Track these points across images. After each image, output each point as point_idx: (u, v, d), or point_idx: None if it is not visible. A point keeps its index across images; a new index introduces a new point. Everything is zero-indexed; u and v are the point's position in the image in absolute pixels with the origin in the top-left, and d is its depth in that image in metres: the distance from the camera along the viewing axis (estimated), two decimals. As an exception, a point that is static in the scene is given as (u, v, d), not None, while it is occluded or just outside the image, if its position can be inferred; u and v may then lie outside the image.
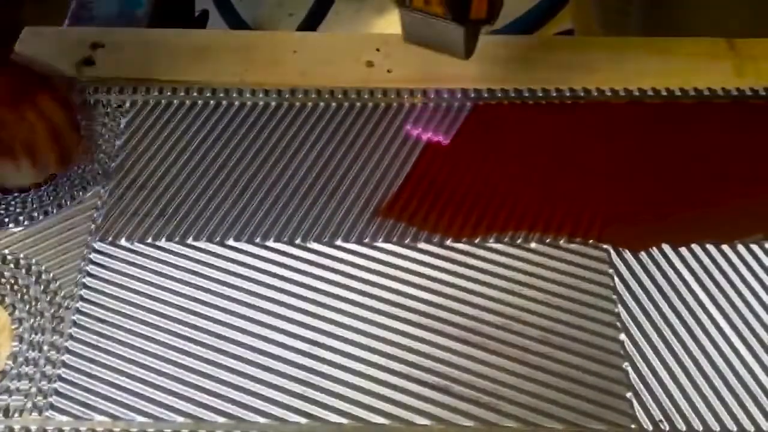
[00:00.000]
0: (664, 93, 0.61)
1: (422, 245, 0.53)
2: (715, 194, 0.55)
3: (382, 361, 0.48)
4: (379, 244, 0.53)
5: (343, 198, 0.55)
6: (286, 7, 1.72)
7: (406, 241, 0.53)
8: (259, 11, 1.74)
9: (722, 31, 0.66)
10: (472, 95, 0.61)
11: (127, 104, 0.60)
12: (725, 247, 0.52)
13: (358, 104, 0.61)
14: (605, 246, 0.52)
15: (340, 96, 0.61)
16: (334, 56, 0.65)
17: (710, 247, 0.52)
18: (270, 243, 0.53)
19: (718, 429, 0.45)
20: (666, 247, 0.52)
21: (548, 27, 1.44)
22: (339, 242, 0.53)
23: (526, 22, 1.50)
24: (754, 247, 0.52)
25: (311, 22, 1.54)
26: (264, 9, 1.75)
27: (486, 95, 0.61)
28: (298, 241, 0.53)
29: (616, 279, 0.51)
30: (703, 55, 0.64)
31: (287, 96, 0.61)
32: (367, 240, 0.53)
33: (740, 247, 0.52)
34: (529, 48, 0.66)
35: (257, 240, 0.53)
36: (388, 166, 0.57)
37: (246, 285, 0.51)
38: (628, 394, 0.46)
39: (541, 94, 0.61)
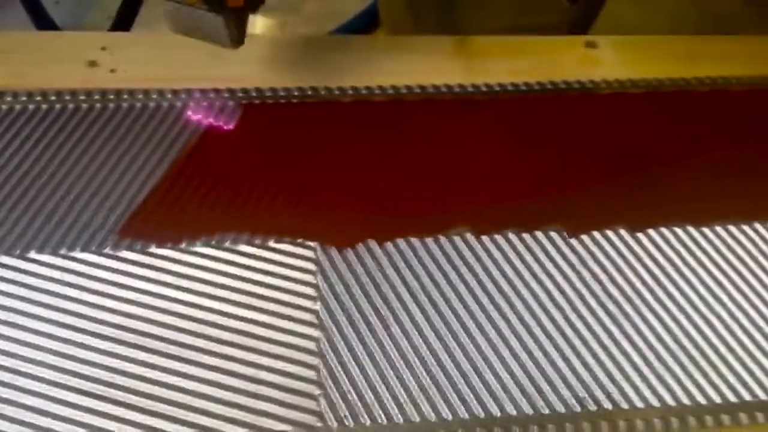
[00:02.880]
0: (391, 91, 0.62)
1: (124, 253, 0.51)
2: (426, 191, 0.56)
3: (61, 378, 0.45)
4: (76, 254, 0.50)
5: (40, 208, 0.52)
6: (106, 10, 1.66)
7: (106, 250, 0.51)
8: (88, 13, 1.68)
9: (504, 29, 0.68)
10: (183, 95, 0.59)
11: None
12: (429, 241, 0.53)
13: (71, 106, 0.58)
14: (312, 244, 0.52)
15: (53, 98, 0.58)
16: (53, 56, 0.61)
17: (414, 241, 0.53)
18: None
19: (402, 421, 0.45)
20: (372, 243, 0.52)
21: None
22: (32, 254, 0.50)
23: (362, 21, 1.51)
24: (456, 239, 0.53)
25: (122, 23, 1.48)
26: (89, 10, 1.70)
27: (196, 94, 0.59)
28: (-14, 255, 0.49)
29: (319, 276, 0.51)
30: (436, 54, 0.65)
31: (-8, 99, 0.57)
32: (63, 251, 0.50)
33: (443, 240, 0.53)
34: (271, 46, 0.65)
35: (-63, 255, 0.49)
36: (94, 172, 0.54)
37: None
38: (317, 392, 0.46)
39: (269, 94, 0.60)
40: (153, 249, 0.51)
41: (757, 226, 0.55)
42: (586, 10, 0.78)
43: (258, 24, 1.67)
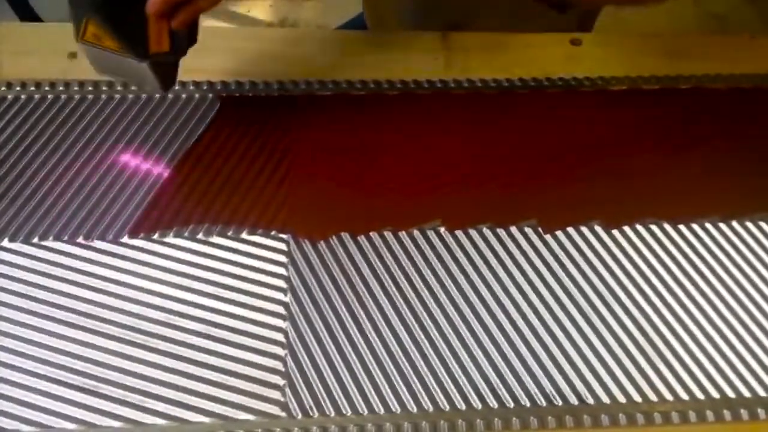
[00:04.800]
0: (372, 86, 0.62)
1: (97, 243, 0.51)
2: (402, 184, 0.56)
3: (26, 364, 0.46)
4: (49, 243, 0.51)
5: (14, 198, 0.52)
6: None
7: (79, 240, 0.51)
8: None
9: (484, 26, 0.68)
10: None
11: None
12: (402, 234, 0.53)
13: (50, 96, 0.58)
14: (285, 236, 0.52)
15: (32, 88, 0.58)
16: (34, 47, 0.62)
17: (388, 235, 0.53)
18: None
19: (366, 412, 0.45)
20: (345, 236, 0.53)
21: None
22: (4, 243, 0.50)
23: (360, 22, 1.51)
24: (430, 234, 0.53)
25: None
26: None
27: (176, 87, 0.60)
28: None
29: (291, 268, 0.51)
30: (417, 49, 0.65)
31: (-28, 90, 0.58)
32: (35, 240, 0.51)
33: (416, 234, 0.53)
34: (252, 39, 0.65)
35: None
36: (71, 161, 0.55)
37: None
38: (283, 383, 0.46)
39: (248, 87, 0.61)
40: (126, 239, 0.51)
41: (734, 224, 0.54)
42: (581, 20, 0.78)
43: (260, 20, 1.67)
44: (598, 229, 0.54)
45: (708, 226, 0.54)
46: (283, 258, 0.51)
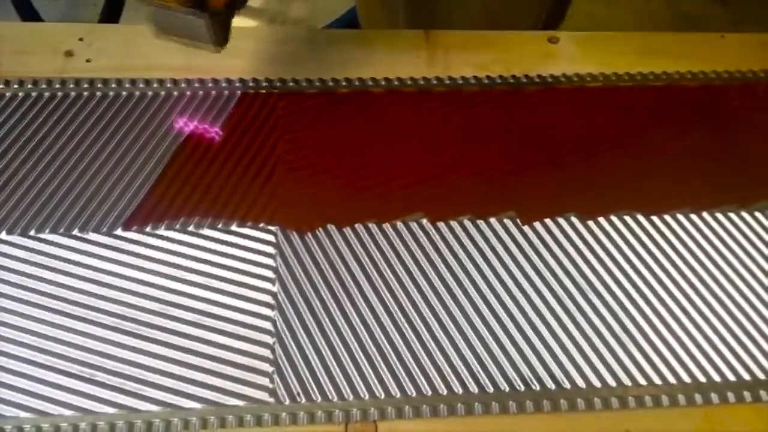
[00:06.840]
0: (357, 83, 0.64)
1: (92, 236, 0.53)
2: (386, 178, 0.58)
3: (24, 353, 0.47)
4: (46, 235, 0.52)
5: (12, 192, 0.54)
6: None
7: (74, 232, 0.53)
8: (82, 11, 1.71)
9: (472, 25, 0.70)
10: (155, 85, 0.61)
11: None
12: (386, 226, 0.55)
13: (47, 94, 0.60)
14: (273, 228, 0.54)
15: (30, 86, 0.60)
16: (32, 46, 0.63)
17: (372, 226, 0.55)
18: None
19: (351, 398, 0.47)
20: (331, 228, 0.55)
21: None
22: (1, 236, 0.52)
23: (345, 21, 1.53)
24: (413, 225, 0.55)
25: (110, 14, 1.50)
26: (83, 8, 1.72)
27: (168, 84, 0.61)
28: (-42, 236, 0.51)
29: (279, 259, 0.53)
30: (400, 47, 0.67)
31: (-32, 87, 0.59)
32: (32, 232, 0.52)
33: (400, 226, 0.55)
34: (242, 38, 0.67)
35: None
36: (66, 157, 0.56)
37: None
38: (271, 370, 0.48)
39: (238, 84, 0.62)
40: (119, 232, 0.53)
41: (704, 215, 0.57)
42: (554, 10, 0.80)
43: (245, 23, 1.69)
44: (574, 220, 0.56)
45: (680, 217, 0.56)
46: (271, 249, 0.53)
